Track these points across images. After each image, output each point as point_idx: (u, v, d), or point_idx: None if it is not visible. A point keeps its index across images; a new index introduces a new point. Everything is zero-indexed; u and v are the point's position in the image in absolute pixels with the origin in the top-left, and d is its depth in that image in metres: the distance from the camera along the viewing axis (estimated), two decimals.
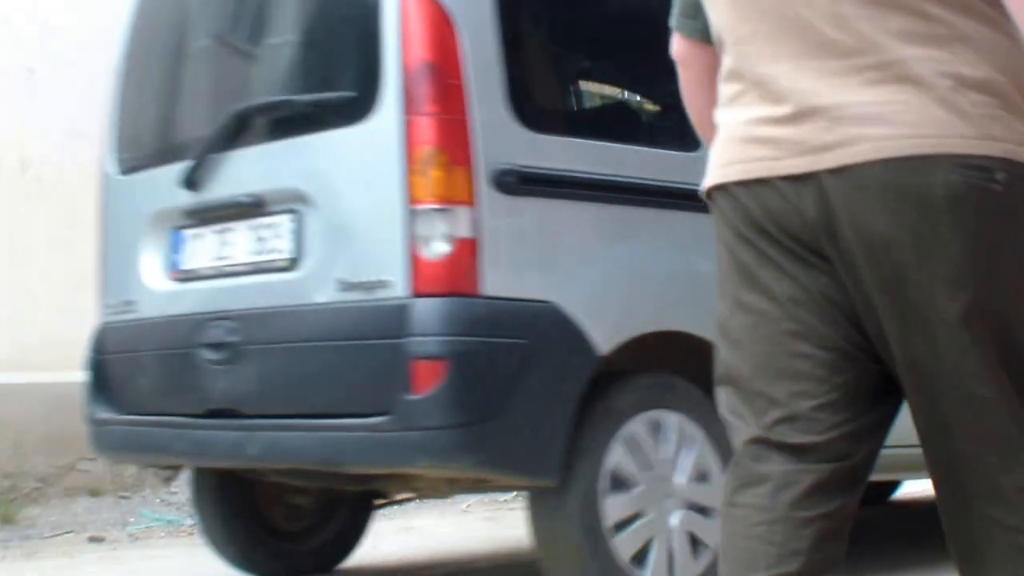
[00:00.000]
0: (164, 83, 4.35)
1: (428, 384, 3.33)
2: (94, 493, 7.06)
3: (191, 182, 3.91)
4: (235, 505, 4.57)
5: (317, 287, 3.59)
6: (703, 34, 1.91)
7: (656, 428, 3.68)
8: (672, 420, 3.70)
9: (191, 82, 4.31)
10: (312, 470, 3.87)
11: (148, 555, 5.84)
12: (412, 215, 3.39)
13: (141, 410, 4.19)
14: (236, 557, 4.63)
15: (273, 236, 3.74)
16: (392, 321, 3.39)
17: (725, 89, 1.82)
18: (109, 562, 5.69)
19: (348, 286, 3.51)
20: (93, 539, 6.28)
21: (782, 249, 1.71)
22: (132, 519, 6.76)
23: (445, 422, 3.35)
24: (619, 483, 3.59)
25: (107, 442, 4.35)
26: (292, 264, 3.67)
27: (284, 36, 3.98)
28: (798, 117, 1.68)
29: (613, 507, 3.56)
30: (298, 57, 3.99)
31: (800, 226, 1.68)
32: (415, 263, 3.38)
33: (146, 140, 4.39)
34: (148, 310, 4.13)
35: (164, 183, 4.07)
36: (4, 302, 6.91)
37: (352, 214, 3.55)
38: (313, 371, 3.62)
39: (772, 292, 1.72)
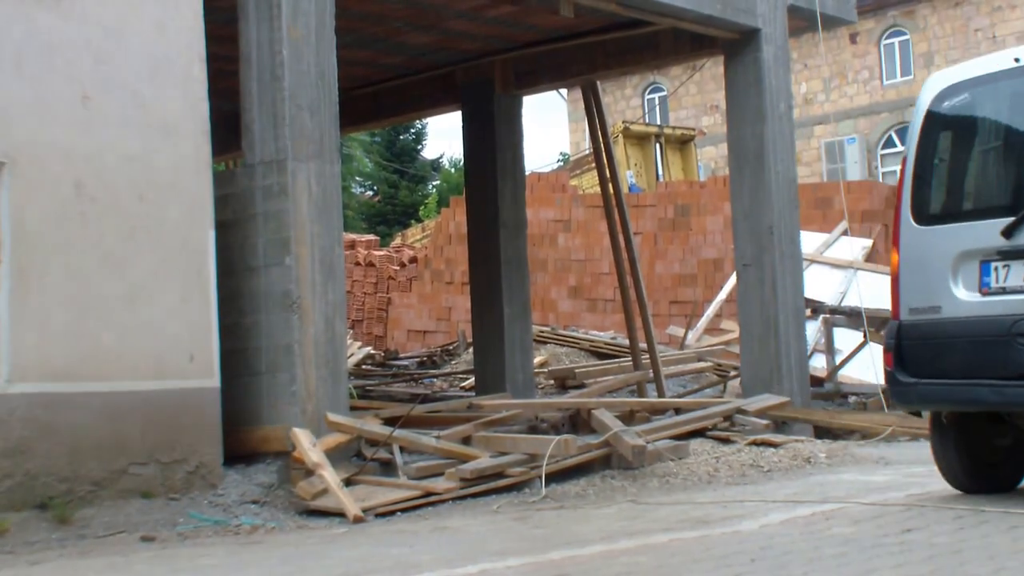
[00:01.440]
0: (961, 167, 6.65)
1: None
2: (145, 495, 7.31)
3: (1009, 233, 6.12)
4: (966, 448, 6.74)
5: None
6: None
7: None
8: None
9: (989, 168, 6.60)
10: None
11: (196, 553, 6.16)
12: None
13: (944, 375, 6.34)
14: (960, 481, 6.83)
15: None
16: None
17: None
18: (159, 560, 5.98)
19: None
20: (144, 539, 6.66)
21: None
22: (181, 520, 7.11)
23: None
24: None
25: (908, 397, 6.64)
26: None
27: None
28: None
29: None
30: None
31: None
32: None
33: (944, 204, 6.67)
34: (955, 312, 6.32)
35: (971, 232, 6.31)
36: (60, 316, 7.14)
37: None
38: None
39: None
